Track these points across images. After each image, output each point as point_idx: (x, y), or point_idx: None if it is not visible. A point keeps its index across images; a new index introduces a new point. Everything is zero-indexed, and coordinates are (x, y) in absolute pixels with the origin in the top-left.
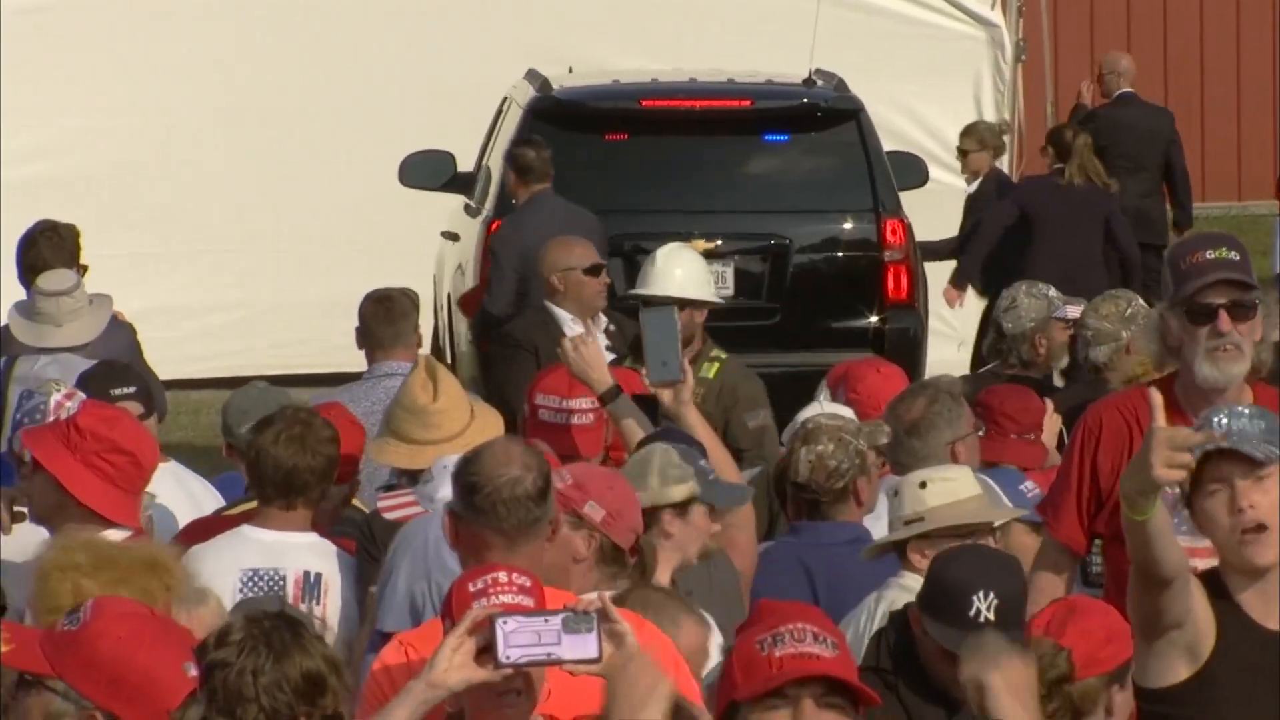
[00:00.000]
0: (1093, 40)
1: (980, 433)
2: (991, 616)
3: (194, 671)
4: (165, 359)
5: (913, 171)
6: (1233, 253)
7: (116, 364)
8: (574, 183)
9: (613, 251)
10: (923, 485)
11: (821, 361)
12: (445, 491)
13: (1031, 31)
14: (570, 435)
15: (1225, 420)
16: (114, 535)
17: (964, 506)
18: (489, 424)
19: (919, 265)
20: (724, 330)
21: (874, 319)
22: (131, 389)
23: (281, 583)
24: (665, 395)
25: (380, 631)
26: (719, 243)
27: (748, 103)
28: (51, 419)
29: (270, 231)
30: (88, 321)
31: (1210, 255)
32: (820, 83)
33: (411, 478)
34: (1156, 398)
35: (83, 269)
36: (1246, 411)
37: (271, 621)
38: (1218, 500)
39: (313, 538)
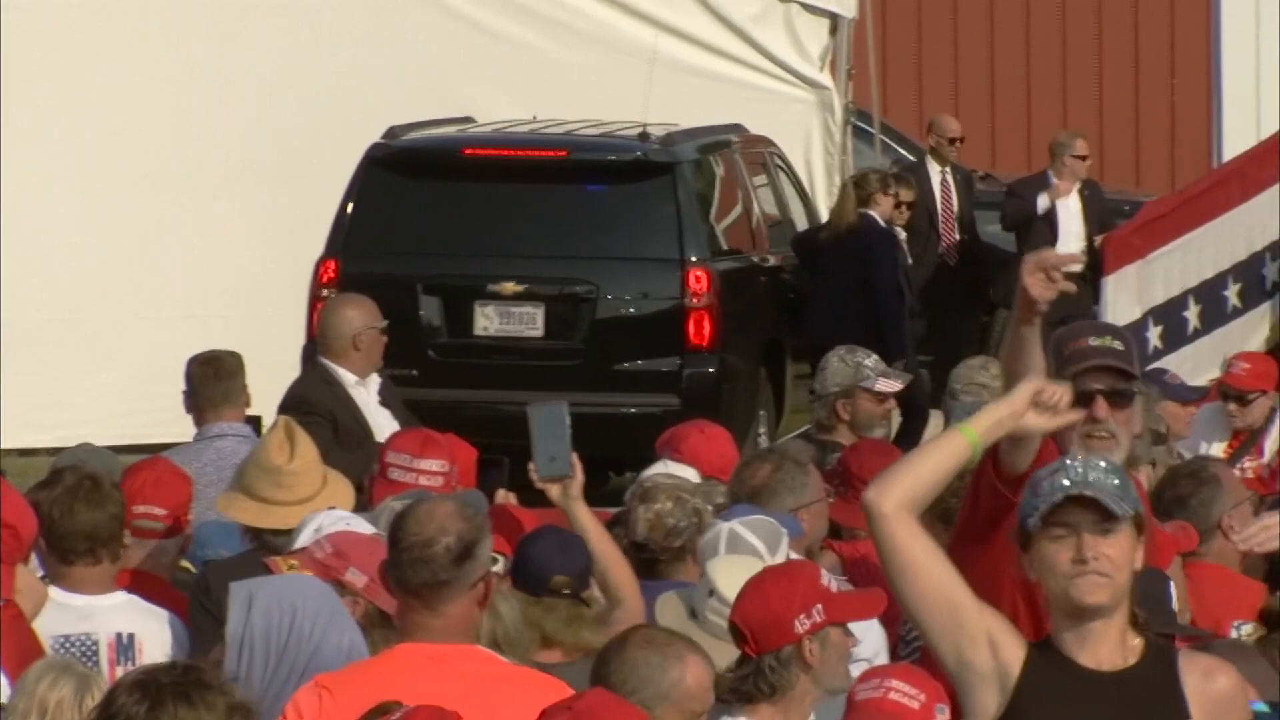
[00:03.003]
0: (921, 102)
1: (831, 498)
2: None
3: None
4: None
5: None
6: (1116, 342)
7: None
8: (405, 226)
9: (431, 292)
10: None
11: (625, 403)
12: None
13: (861, 94)
14: None
15: (1081, 470)
16: None
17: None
18: (339, 493)
19: (729, 313)
20: (534, 369)
21: (676, 363)
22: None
23: (94, 647)
24: (553, 490)
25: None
26: (527, 286)
27: (564, 153)
28: None
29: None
30: None
31: (1094, 342)
32: (653, 136)
33: (254, 536)
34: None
35: None
36: (1103, 464)
37: (159, 675)
38: (1061, 545)
39: (121, 597)
